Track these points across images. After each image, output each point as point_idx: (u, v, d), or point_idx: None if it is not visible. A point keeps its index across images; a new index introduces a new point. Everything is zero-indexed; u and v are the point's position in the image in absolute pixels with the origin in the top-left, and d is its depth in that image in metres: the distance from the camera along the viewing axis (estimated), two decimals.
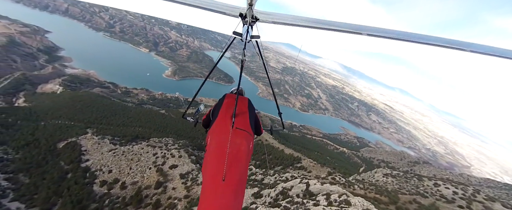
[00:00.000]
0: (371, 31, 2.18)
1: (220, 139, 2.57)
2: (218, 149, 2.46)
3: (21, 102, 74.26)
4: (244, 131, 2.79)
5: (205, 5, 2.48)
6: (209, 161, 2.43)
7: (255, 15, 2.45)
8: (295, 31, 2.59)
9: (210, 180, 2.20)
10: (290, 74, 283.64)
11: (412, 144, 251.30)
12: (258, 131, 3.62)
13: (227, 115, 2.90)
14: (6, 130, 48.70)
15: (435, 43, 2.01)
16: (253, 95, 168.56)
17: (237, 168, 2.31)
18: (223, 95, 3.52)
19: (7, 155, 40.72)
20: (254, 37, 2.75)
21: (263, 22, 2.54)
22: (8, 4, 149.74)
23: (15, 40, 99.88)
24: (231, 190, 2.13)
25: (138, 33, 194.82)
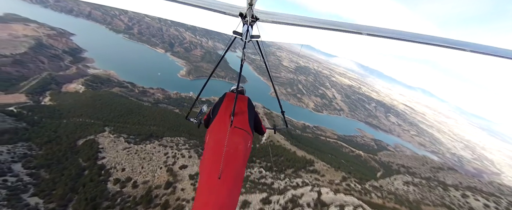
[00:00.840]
0: (371, 31, 2.19)
1: (218, 137, 2.59)
2: (215, 147, 2.49)
3: (47, 101, 79.05)
4: (243, 130, 2.78)
5: (205, 4, 2.48)
6: (206, 158, 2.45)
7: (255, 14, 2.46)
8: (295, 31, 2.57)
9: (206, 178, 2.24)
10: (304, 74, 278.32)
11: (435, 148, 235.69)
12: (258, 130, 3.60)
13: (226, 113, 2.91)
14: (31, 127, 51.80)
15: (435, 43, 2.05)
16: (265, 95, 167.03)
17: (233, 166, 2.33)
18: (223, 94, 3.52)
19: (31, 151, 43.16)
20: (254, 37, 2.73)
21: (263, 22, 2.54)
22: (37, 9, 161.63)
23: (43, 43, 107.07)
24: (227, 188, 2.15)
25: (155, 35, 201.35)
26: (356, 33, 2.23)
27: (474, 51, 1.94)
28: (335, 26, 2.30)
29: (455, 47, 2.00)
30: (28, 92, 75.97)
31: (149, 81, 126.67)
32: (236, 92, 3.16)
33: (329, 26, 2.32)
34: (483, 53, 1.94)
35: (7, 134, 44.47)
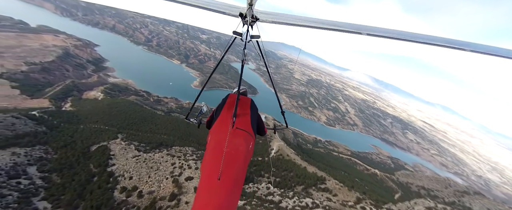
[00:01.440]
0: (371, 31, 2.22)
1: (219, 138, 2.58)
2: (216, 148, 2.48)
3: (67, 106, 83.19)
4: (244, 131, 2.77)
5: (205, 4, 2.48)
6: (207, 160, 2.45)
7: (255, 15, 2.46)
8: (295, 31, 2.60)
9: (206, 178, 2.23)
10: (316, 87, 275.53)
11: (458, 169, 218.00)
12: (260, 131, 3.58)
13: (228, 114, 2.90)
14: (50, 131, 54.08)
15: (436, 43, 2.06)
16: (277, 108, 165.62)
17: (234, 167, 2.32)
18: (226, 95, 3.49)
19: (47, 154, 44.63)
20: (254, 37, 2.75)
21: (263, 22, 2.54)
22: (67, 21, 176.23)
23: (69, 52, 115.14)
24: (226, 189, 2.14)
25: (172, 47, 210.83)
26: (356, 33, 2.24)
27: (474, 51, 1.96)
28: (335, 26, 2.30)
29: (455, 47, 2.01)
30: (52, 98, 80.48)
31: (163, 91, 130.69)
32: (238, 93, 3.11)
33: (329, 26, 2.31)
34: (483, 53, 1.95)
35: (27, 137, 46.57)
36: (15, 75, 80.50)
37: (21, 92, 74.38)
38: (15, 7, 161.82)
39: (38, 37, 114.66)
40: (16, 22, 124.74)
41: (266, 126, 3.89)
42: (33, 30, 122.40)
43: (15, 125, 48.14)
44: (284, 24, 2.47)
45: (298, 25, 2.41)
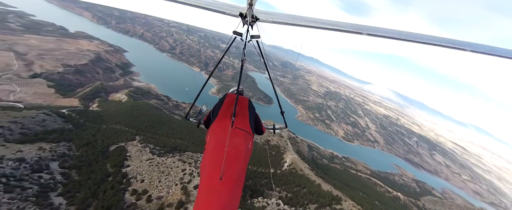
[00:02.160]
0: (371, 31, 2.23)
1: (219, 138, 2.59)
2: (216, 148, 2.49)
3: (94, 106, 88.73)
4: (243, 131, 2.80)
5: (205, 4, 2.51)
6: (207, 159, 2.46)
7: (255, 14, 2.48)
8: (295, 31, 2.61)
9: (207, 179, 2.23)
10: (334, 99, 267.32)
11: (495, 199, 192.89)
12: (258, 130, 3.67)
13: (227, 114, 2.93)
14: (76, 128, 57.35)
15: (435, 43, 2.09)
16: (291, 119, 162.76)
17: (235, 167, 2.33)
18: (223, 95, 3.53)
19: (70, 151, 46.97)
20: (254, 37, 2.78)
21: (263, 22, 2.56)
22: (101, 29, 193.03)
23: (101, 57, 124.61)
24: (228, 189, 2.16)
25: (194, 55, 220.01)
26: (356, 33, 2.24)
27: (474, 51, 1.97)
28: (335, 26, 2.32)
29: (455, 47, 2.02)
30: (81, 98, 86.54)
31: (182, 96, 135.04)
32: (237, 93, 3.16)
33: (329, 26, 2.33)
34: (483, 53, 1.96)
35: (54, 133, 49.68)
36: (52, 76, 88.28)
37: (55, 91, 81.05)
38: (58, 15, 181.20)
39: (75, 42, 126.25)
40: (58, 28, 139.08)
41: (266, 126, 3.87)
42: (71, 36, 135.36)
43: (46, 121, 51.80)
44: (284, 24, 2.49)
45: (298, 25, 2.43)
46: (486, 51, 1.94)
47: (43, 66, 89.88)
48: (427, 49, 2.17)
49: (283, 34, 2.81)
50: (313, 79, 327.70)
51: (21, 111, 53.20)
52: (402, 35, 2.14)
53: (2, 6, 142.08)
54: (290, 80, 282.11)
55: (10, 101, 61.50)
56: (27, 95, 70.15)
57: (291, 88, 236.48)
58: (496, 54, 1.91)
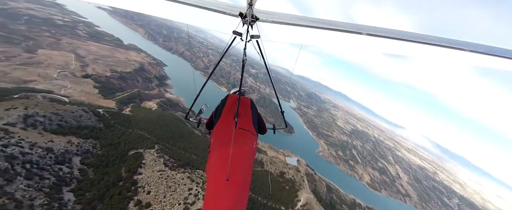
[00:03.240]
0: (371, 31, 2.24)
1: (224, 139, 2.59)
2: (221, 149, 2.48)
3: (127, 111, 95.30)
4: (247, 131, 2.81)
5: (205, 4, 2.52)
6: (213, 161, 2.45)
7: (255, 14, 2.49)
8: (295, 31, 2.63)
9: (214, 180, 2.22)
10: (360, 139, 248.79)
11: None
12: (261, 130, 3.62)
13: (230, 115, 2.92)
14: (105, 128, 61.00)
15: (435, 43, 2.10)
16: (311, 153, 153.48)
17: (241, 168, 2.33)
18: (225, 96, 3.50)
19: (94, 149, 49.22)
20: (254, 37, 2.79)
21: (263, 22, 2.57)
22: (149, 44, 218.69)
23: (144, 68, 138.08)
24: (235, 189, 2.15)
25: (224, 76, 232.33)
26: (356, 33, 2.25)
27: (473, 51, 1.98)
28: (335, 26, 2.32)
29: (455, 47, 2.03)
30: (118, 101, 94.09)
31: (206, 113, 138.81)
32: (239, 93, 3.20)
33: (329, 26, 2.34)
34: (482, 53, 1.97)
35: (86, 129, 53.27)
36: (100, 78, 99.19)
37: (99, 92, 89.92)
38: (117, 28, 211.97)
39: (126, 52, 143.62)
40: (115, 39, 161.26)
41: (267, 126, 3.87)
42: (124, 47, 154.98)
43: (82, 117, 56.26)
44: (284, 24, 2.50)
45: (298, 25, 2.44)
46: (486, 51, 1.94)
47: (95, 69, 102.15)
48: (428, 49, 2.13)
49: (283, 34, 2.78)
50: (339, 114, 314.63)
51: (65, 104, 59.12)
52: (402, 35, 2.13)
53: (77, 16, 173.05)
54: (315, 112, 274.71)
55: (59, 95, 69.33)
56: (75, 92, 78.76)
57: (314, 121, 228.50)
58: (496, 54, 1.92)
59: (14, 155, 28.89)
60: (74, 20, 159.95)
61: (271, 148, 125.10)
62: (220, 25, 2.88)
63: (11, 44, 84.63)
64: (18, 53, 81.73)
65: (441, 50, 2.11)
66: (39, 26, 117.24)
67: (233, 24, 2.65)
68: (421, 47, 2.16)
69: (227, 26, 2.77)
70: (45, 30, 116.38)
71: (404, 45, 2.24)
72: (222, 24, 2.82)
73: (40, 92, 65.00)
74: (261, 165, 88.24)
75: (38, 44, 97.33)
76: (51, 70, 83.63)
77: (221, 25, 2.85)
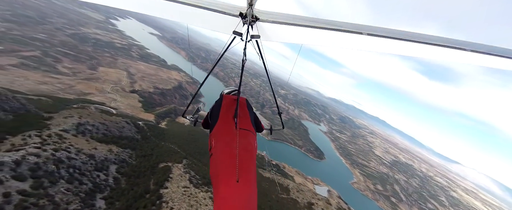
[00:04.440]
0: (371, 31, 2.25)
1: (226, 141, 2.58)
2: (226, 151, 2.46)
3: (163, 124, 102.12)
4: (248, 131, 2.83)
5: (205, 4, 2.51)
6: (219, 164, 2.40)
7: (256, 14, 2.50)
8: (295, 31, 2.64)
9: (224, 183, 2.18)
10: (404, 173, 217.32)
11: None
12: (258, 128, 3.66)
13: (228, 116, 2.90)
14: (142, 140, 65.23)
15: (436, 43, 2.11)
16: (345, 184, 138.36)
17: (248, 167, 2.33)
18: (220, 96, 3.56)
19: (130, 158, 52.29)
20: (254, 37, 2.80)
21: (264, 22, 2.59)
22: (189, 65, 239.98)
23: (182, 86, 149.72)
24: (247, 190, 2.16)
25: (253, 95, 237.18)
26: (356, 33, 2.27)
27: (474, 51, 1.98)
28: (335, 26, 2.33)
29: (455, 47, 2.04)
30: (156, 115, 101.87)
31: None
32: (238, 94, 3.16)
33: (329, 26, 2.34)
34: (483, 53, 1.98)
35: (125, 140, 57.57)
36: (144, 93, 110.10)
37: (141, 105, 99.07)
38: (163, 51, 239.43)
39: (168, 72, 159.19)
40: (160, 60, 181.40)
41: (264, 127, 3.95)
42: (167, 67, 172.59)
43: (124, 128, 61.43)
44: (284, 24, 2.51)
45: (299, 25, 2.45)
46: (486, 51, 1.94)
47: (141, 85, 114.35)
48: (428, 49, 2.14)
49: (284, 34, 2.80)
50: (377, 142, 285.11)
51: (111, 115, 65.90)
52: (402, 35, 2.15)
53: (132, 40, 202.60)
54: (348, 138, 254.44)
55: (109, 107, 78.07)
56: (122, 105, 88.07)
57: (348, 147, 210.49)
58: (497, 54, 1.92)
59: (61, 159, 31.96)
60: (130, 43, 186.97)
61: (298, 173, 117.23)
62: (220, 25, 2.87)
63: (78, 62, 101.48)
64: (83, 70, 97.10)
65: (441, 50, 2.10)
66: (102, 48, 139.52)
67: (233, 24, 2.62)
68: (421, 47, 2.16)
69: (227, 26, 2.73)
70: (106, 51, 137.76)
71: (404, 45, 2.24)
72: (222, 24, 2.81)
73: (94, 103, 74.33)
74: (286, 191, 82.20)
75: (99, 63, 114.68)
76: (106, 85, 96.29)
77: (221, 25, 2.85)
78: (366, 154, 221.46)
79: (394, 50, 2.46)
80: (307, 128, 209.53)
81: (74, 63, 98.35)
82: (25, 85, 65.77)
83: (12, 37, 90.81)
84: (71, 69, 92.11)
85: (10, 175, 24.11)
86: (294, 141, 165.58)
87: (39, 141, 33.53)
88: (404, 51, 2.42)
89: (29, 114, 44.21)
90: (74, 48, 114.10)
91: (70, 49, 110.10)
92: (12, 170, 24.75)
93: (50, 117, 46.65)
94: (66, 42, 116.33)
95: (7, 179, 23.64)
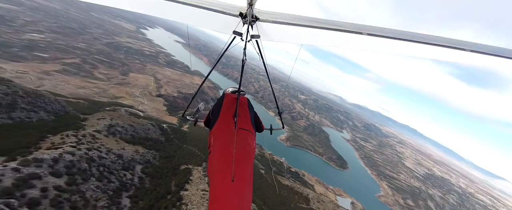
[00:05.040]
0: (372, 31, 2.26)
1: (225, 139, 2.60)
2: (223, 150, 2.49)
3: (185, 127, 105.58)
4: (247, 131, 2.84)
5: (205, 4, 2.51)
6: (215, 162, 2.43)
7: (256, 14, 2.51)
8: (295, 31, 2.64)
9: (219, 182, 2.21)
10: (439, 188, 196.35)
11: None
12: (259, 128, 3.73)
13: (228, 115, 2.92)
14: (166, 142, 67.79)
15: (436, 42, 2.12)
16: (370, 197, 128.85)
17: (244, 167, 2.35)
18: (222, 95, 3.55)
19: (154, 159, 54.39)
20: (254, 37, 2.80)
21: (264, 22, 2.60)
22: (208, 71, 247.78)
23: (203, 90, 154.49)
24: (241, 189, 2.17)
25: (272, 100, 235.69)
26: (356, 33, 2.28)
27: (474, 51, 2.00)
28: (335, 26, 2.33)
29: (455, 47, 2.05)
30: (180, 118, 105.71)
31: None
32: (238, 94, 3.19)
33: (329, 26, 2.34)
34: (483, 53, 1.99)
35: (150, 141, 60.25)
36: (169, 98, 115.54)
37: (166, 109, 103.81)
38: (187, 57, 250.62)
39: (191, 77, 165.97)
40: (184, 66, 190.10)
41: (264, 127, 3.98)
42: (190, 72, 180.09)
43: (150, 130, 64.51)
44: (284, 24, 2.53)
45: (299, 25, 2.46)
46: (486, 51, 1.95)
47: (166, 90, 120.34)
48: (429, 49, 2.16)
49: (284, 34, 2.81)
50: (407, 153, 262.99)
51: (139, 118, 69.83)
52: (402, 35, 2.16)
53: (160, 48, 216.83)
54: (374, 147, 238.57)
55: (137, 110, 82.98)
56: (149, 108, 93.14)
57: (373, 157, 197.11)
58: (496, 54, 1.93)
59: (93, 157, 34.17)
60: (157, 51, 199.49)
61: (319, 182, 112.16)
62: (220, 25, 2.87)
63: (112, 68, 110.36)
64: (115, 75, 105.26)
65: (441, 50, 2.11)
66: (133, 55, 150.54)
67: (233, 24, 2.65)
68: (421, 47, 2.17)
69: (227, 26, 2.75)
70: (136, 58, 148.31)
71: (405, 45, 2.25)
72: (222, 24, 2.81)
73: (124, 106, 79.57)
74: (306, 201, 78.81)
75: (130, 69, 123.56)
76: (135, 89, 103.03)
77: (221, 25, 2.85)
78: (395, 165, 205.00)
79: (394, 50, 2.43)
80: (328, 135, 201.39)
81: (108, 70, 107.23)
82: (66, 89, 72.99)
83: (57, 46, 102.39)
84: (105, 75, 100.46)
85: (48, 171, 26.31)
86: (315, 148, 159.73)
87: (75, 140, 36.45)
88: (404, 51, 2.40)
89: (68, 115, 48.60)
90: (109, 56, 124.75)
91: (105, 56, 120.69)
92: (50, 166, 27.01)
93: (86, 118, 50.80)
94: (102, 51, 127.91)
95: (45, 174, 25.81)
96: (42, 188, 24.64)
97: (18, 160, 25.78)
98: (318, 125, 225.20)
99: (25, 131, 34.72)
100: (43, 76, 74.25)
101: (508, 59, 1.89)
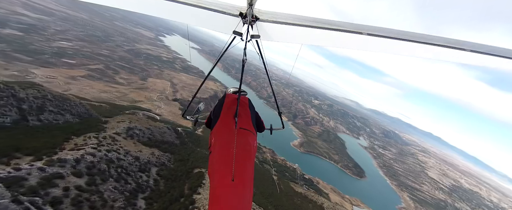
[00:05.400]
0: (372, 31, 2.27)
1: (225, 139, 2.62)
2: (224, 150, 2.50)
3: (199, 131, 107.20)
4: (248, 131, 2.85)
5: (205, 4, 2.53)
6: (215, 162, 2.44)
7: (256, 14, 2.53)
8: (296, 31, 2.65)
9: (219, 182, 2.23)
10: (467, 201, 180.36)
11: None
12: (260, 128, 3.69)
13: (229, 115, 2.94)
14: (180, 145, 68.98)
15: (435, 43, 2.12)
16: (390, 208, 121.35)
17: (244, 167, 2.36)
18: (223, 95, 3.58)
19: (169, 162, 55.38)
20: (254, 37, 2.82)
21: (264, 22, 2.61)
22: (224, 75, 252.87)
23: (217, 94, 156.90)
24: (241, 189, 2.18)
25: (285, 105, 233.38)
26: (356, 33, 2.28)
27: (474, 51, 2.00)
28: (335, 26, 2.34)
29: (455, 47, 2.05)
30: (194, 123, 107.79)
31: (265, 140, 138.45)
32: (239, 94, 3.23)
33: (329, 26, 2.36)
34: (483, 53, 2.00)
35: (166, 144, 61.59)
36: (184, 102, 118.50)
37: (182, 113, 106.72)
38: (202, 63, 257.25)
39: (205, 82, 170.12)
40: (199, 71, 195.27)
41: None
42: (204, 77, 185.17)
43: (165, 133, 66.10)
44: (284, 24, 2.54)
45: (299, 25, 2.47)
46: (486, 51, 1.96)
47: (182, 94, 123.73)
48: (429, 49, 2.18)
49: (284, 34, 2.83)
50: (431, 162, 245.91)
51: (156, 121, 71.96)
52: (402, 35, 2.16)
53: (176, 54, 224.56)
54: (394, 155, 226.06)
55: (154, 113, 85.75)
56: (165, 112, 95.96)
57: (393, 166, 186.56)
58: (496, 54, 1.94)
59: (112, 159, 35.36)
60: (174, 57, 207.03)
61: (334, 191, 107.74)
62: (220, 25, 2.89)
63: (132, 74, 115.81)
64: (135, 80, 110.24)
65: (441, 50, 2.12)
66: (152, 61, 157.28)
67: (233, 24, 2.65)
68: (421, 47, 2.17)
69: (227, 26, 2.76)
70: (155, 64, 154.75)
71: (405, 45, 2.25)
72: (222, 24, 2.83)
73: (142, 110, 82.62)
74: None
75: (149, 74, 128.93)
76: (153, 93, 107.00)
77: (221, 25, 2.87)
78: (417, 175, 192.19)
79: (394, 50, 2.44)
80: (344, 141, 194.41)
81: (129, 75, 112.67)
82: (90, 93, 77.41)
83: (83, 53, 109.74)
84: (126, 80, 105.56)
85: (70, 171, 27.53)
86: (329, 155, 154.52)
87: (96, 142, 38.10)
88: (404, 51, 2.40)
89: (91, 118, 51.21)
90: (130, 62, 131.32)
91: (126, 62, 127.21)
92: (72, 167, 28.30)
93: (107, 121, 53.21)
94: (123, 57, 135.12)
95: (68, 174, 27.02)
96: (64, 187, 25.79)
97: (44, 160, 27.34)
98: (333, 131, 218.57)
99: (52, 133, 36.98)
100: (70, 81, 79.57)
101: (508, 60, 1.88)
